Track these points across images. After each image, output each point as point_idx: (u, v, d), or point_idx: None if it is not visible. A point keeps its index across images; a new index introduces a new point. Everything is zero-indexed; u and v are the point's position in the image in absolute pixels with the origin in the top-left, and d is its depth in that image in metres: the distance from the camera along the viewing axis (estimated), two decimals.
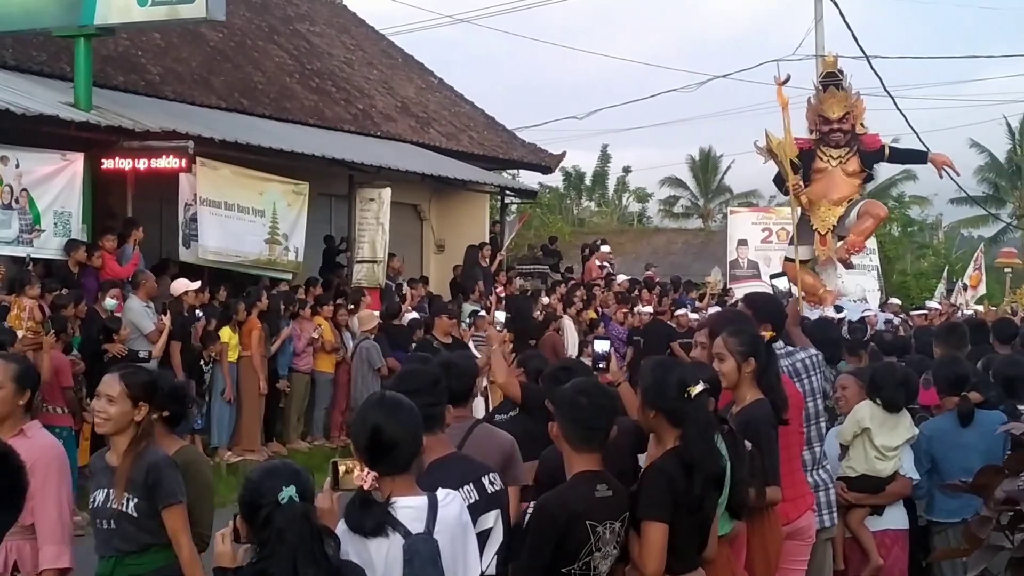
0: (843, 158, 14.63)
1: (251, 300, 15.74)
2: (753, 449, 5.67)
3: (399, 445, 4.12)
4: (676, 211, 58.28)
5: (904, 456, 7.40)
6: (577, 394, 4.79)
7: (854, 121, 14.45)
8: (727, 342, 5.99)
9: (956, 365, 7.68)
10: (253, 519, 3.72)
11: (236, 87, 21.97)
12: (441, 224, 25.87)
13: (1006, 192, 59.66)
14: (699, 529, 5.02)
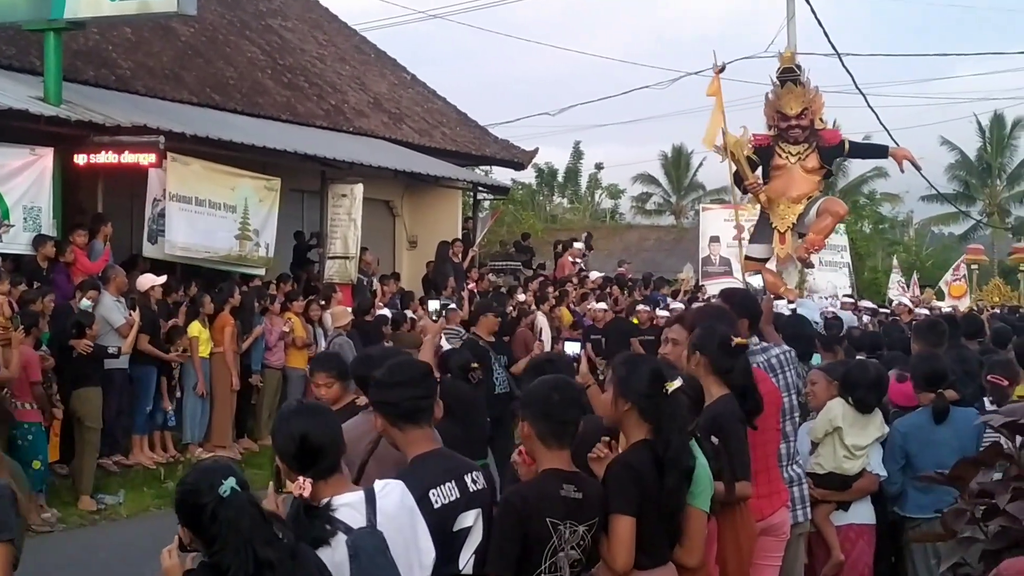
0: (802, 155, 14.50)
1: (223, 296, 15.69)
2: (719, 445, 5.67)
3: (325, 448, 4.13)
4: (648, 208, 58.44)
5: (872, 453, 7.39)
6: (549, 390, 4.77)
7: (813, 116, 14.31)
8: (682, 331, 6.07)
9: (934, 361, 7.68)
10: (197, 519, 3.70)
11: (207, 82, 21.86)
12: (413, 220, 25.82)
13: (976, 190, 60.03)
14: (668, 523, 5.01)
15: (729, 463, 5.74)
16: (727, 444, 5.78)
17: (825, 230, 13.94)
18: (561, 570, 4.63)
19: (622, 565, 4.83)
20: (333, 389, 7.08)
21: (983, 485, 3.15)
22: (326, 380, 7.10)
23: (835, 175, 53.29)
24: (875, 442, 7.40)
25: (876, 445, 7.42)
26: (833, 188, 54.17)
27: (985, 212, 59.19)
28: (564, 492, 4.63)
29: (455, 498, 4.52)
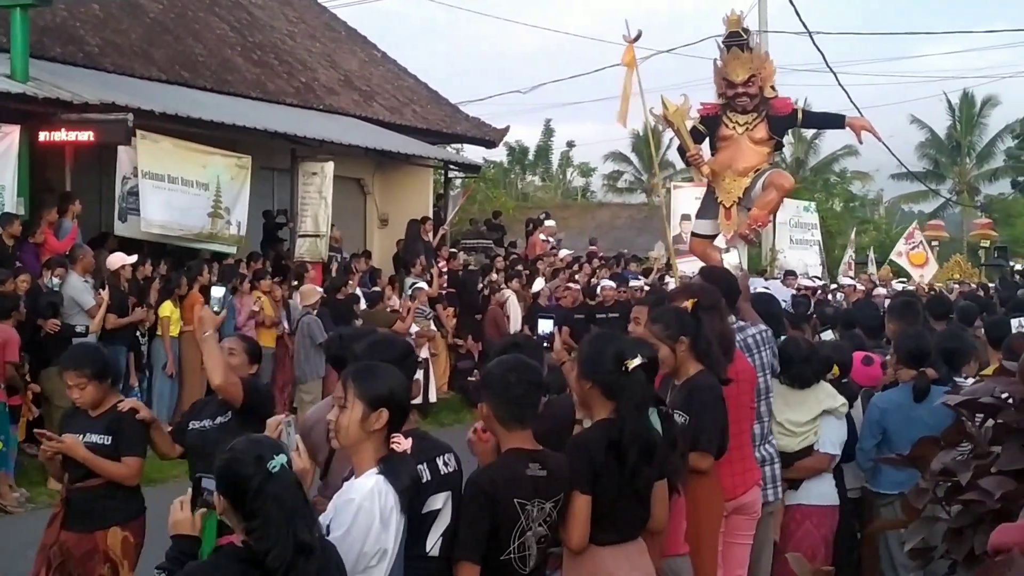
0: (750, 124, 14.09)
1: (192, 274, 15.63)
2: (688, 419, 5.71)
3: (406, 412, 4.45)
4: (620, 186, 58.42)
5: (823, 431, 7.36)
6: (506, 371, 4.75)
7: (762, 84, 13.97)
8: (653, 331, 5.96)
9: (919, 340, 7.69)
10: (241, 491, 3.65)
11: (176, 59, 21.72)
12: (384, 198, 25.74)
13: (946, 168, 60.36)
14: (633, 501, 5.03)
15: (693, 434, 5.78)
16: (702, 415, 5.83)
17: (770, 205, 13.59)
18: (529, 549, 4.64)
19: (576, 542, 4.88)
20: (87, 391, 6.47)
21: (945, 464, 3.17)
22: (77, 380, 6.43)
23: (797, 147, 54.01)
24: (819, 418, 7.38)
25: (829, 423, 7.40)
26: (804, 166, 54.46)
27: (954, 190, 59.53)
28: (530, 471, 4.65)
29: (427, 480, 4.52)
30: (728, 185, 13.99)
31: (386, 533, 4.12)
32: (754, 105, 13.64)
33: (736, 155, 14.00)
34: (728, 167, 13.78)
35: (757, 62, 13.59)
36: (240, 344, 6.80)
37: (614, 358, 4.99)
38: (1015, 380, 3.15)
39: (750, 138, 13.48)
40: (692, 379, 5.95)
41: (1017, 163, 60.92)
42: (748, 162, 14.11)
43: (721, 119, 13.82)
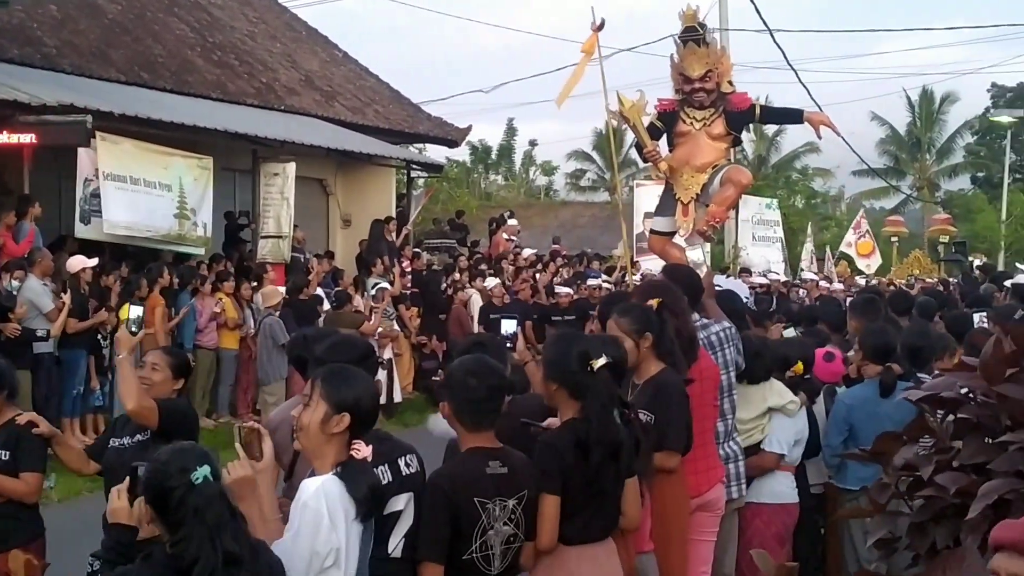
0: (707, 120, 13.91)
1: (153, 276, 15.53)
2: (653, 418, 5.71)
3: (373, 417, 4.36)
4: (583, 184, 58.49)
5: (771, 429, 7.37)
6: (467, 374, 4.73)
7: (719, 79, 13.81)
8: (619, 324, 5.96)
9: (884, 335, 7.71)
10: (164, 502, 3.62)
11: (136, 60, 21.59)
12: (347, 199, 25.67)
13: (906, 164, 60.73)
14: (601, 501, 5.03)
15: (659, 432, 5.79)
16: (667, 414, 5.84)
17: (727, 201, 13.42)
18: (492, 548, 4.63)
19: (545, 541, 4.87)
20: None
21: (907, 459, 3.18)
22: None
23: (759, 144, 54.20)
24: (770, 417, 7.40)
25: (778, 421, 7.42)
26: (766, 163, 54.69)
27: (915, 186, 59.88)
28: (490, 469, 4.64)
29: (387, 481, 4.49)
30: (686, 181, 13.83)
31: (336, 532, 4.06)
32: (711, 100, 13.49)
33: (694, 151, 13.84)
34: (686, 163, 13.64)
35: (713, 57, 13.46)
36: (164, 359, 6.51)
37: (579, 358, 5.00)
38: (976, 375, 3.16)
39: (707, 134, 13.34)
40: (656, 377, 5.96)
41: (976, 159, 61.41)
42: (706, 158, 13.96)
43: (678, 115, 13.67)
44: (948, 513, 2.92)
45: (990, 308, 11.32)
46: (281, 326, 15.90)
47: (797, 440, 7.50)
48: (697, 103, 13.81)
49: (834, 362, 8.23)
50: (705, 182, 13.74)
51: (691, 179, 13.91)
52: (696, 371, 6.28)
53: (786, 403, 7.40)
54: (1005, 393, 3.00)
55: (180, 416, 6.18)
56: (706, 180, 13.91)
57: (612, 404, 5.02)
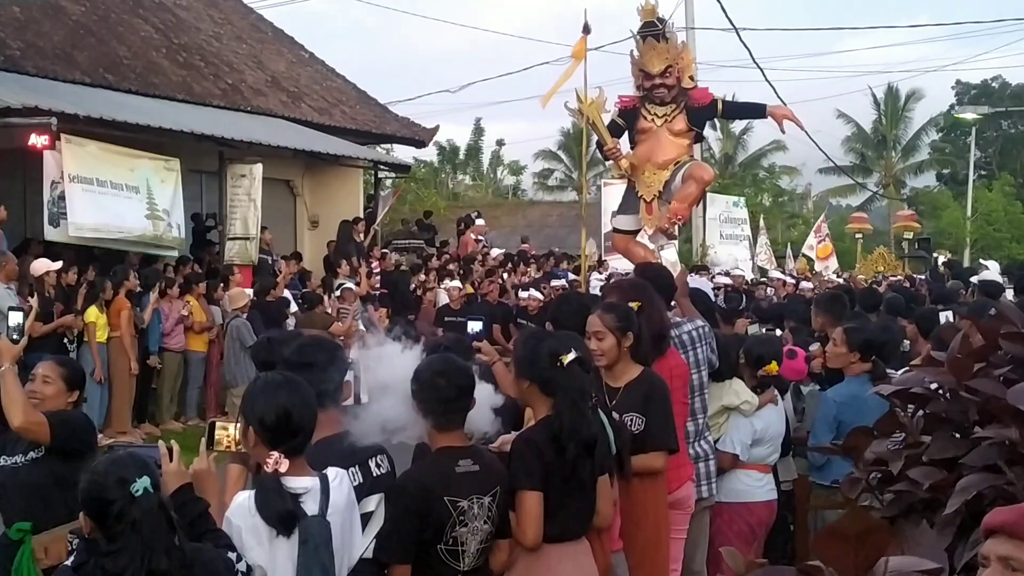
0: (669, 116, 13.76)
1: (118, 279, 15.44)
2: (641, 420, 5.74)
3: (303, 428, 4.09)
4: (550, 184, 58.56)
5: (728, 429, 7.38)
6: (435, 375, 4.72)
7: (680, 75, 13.69)
8: (604, 320, 5.97)
9: (869, 331, 7.74)
10: (104, 514, 3.57)
11: (101, 62, 21.46)
12: (314, 200, 25.61)
13: (872, 161, 61.11)
14: (577, 497, 5.03)
15: (653, 434, 5.83)
16: (656, 417, 5.87)
17: (690, 198, 13.30)
18: (463, 545, 4.62)
19: (531, 539, 4.88)
20: None
21: (878, 454, 3.19)
22: None
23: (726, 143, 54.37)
24: (725, 416, 7.41)
25: (734, 421, 7.43)
26: (733, 161, 54.90)
27: (881, 183, 60.24)
28: (461, 468, 4.64)
29: (358, 483, 4.47)
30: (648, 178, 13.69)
31: (260, 549, 3.97)
32: (672, 96, 13.38)
33: (655, 148, 13.72)
34: (647, 160, 13.52)
35: (673, 52, 13.33)
36: (56, 370, 6.05)
37: (549, 355, 5.01)
38: (944, 370, 3.17)
39: (669, 130, 13.22)
40: (642, 379, 5.97)
41: (942, 156, 61.82)
42: (667, 155, 13.84)
43: (639, 112, 13.54)
44: (918, 508, 2.93)
45: (956, 305, 11.38)
46: (248, 328, 15.84)
47: (760, 439, 7.49)
48: (658, 99, 13.68)
49: (796, 359, 8.22)
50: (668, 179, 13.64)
51: (653, 176, 13.76)
52: (665, 369, 6.30)
53: (741, 403, 7.41)
54: (974, 387, 3.01)
55: (74, 429, 5.80)
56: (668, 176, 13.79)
57: (583, 398, 5.02)
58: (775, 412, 7.61)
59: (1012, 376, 3.03)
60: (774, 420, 7.57)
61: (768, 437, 7.51)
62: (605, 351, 5.95)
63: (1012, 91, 65.05)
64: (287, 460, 3.99)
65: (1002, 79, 65.85)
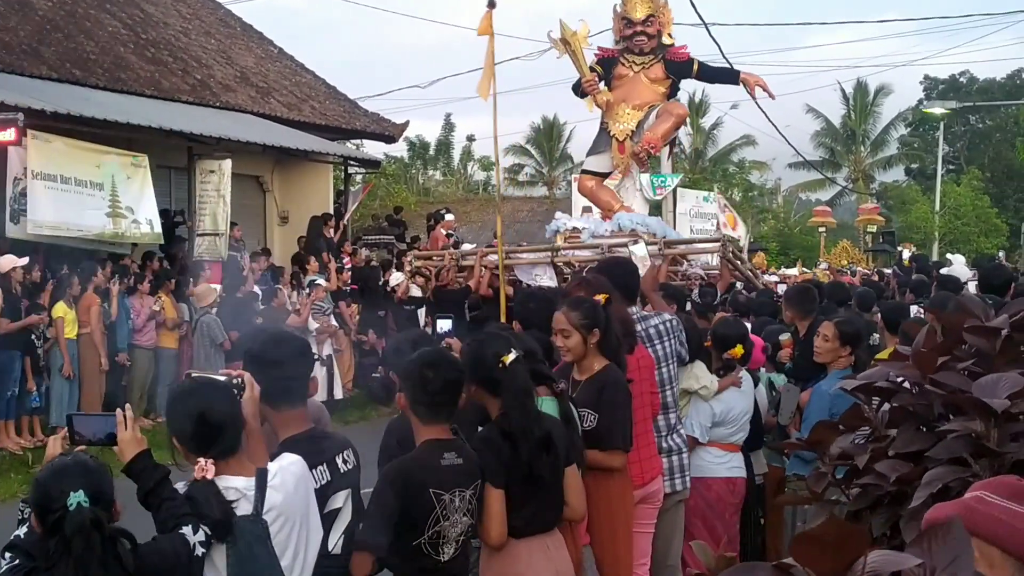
0: (647, 64, 13.93)
1: (86, 275, 15.36)
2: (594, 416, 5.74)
3: (225, 428, 4.01)
4: (521, 179, 58.57)
5: (689, 413, 7.41)
6: (423, 367, 4.73)
7: (660, 28, 13.79)
8: (569, 317, 5.97)
9: (855, 322, 7.77)
10: (43, 521, 3.56)
11: (68, 57, 21.33)
12: (284, 195, 25.54)
13: (841, 156, 61.35)
14: (539, 492, 5.04)
15: (606, 432, 5.84)
16: (613, 413, 5.88)
17: (665, 131, 13.38)
18: (445, 537, 4.63)
19: (495, 537, 4.92)
20: None
21: (843, 448, 3.21)
22: None
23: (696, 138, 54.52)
24: (687, 399, 7.42)
25: (695, 406, 7.47)
26: (703, 156, 55.04)
27: (850, 178, 60.48)
28: (446, 461, 4.66)
29: (326, 481, 4.46)
30: (622, 117, 13.73)
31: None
32: (651, 48, 13.51)
33: (632, 91, 13.80)
34: (623, 100, 13.57)
35: (656, 4, 13.45)
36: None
37: (493, 356, 5.04)
38: (909, 364, 3.19)
39: (646, 75, 13.30)
40: (600, 375, 5.98)
41: (910, 151, 62.10)
42: (643, 98, 13.93)
43: (618, 60, 13.66)
44: (885, 501, 2.94)
45: (924, 298, 11.45)
46: (219, 324, 15.80)
47: (720, 422, 7.51)
48: (637, 48, 13.81)
49: (753, 348, 8.26)
50: (641, 119, 13.65)
51: (627, 115, 13.82)
52: (632, 361, 6.31)
53: (700, 388, 7.44)
54: (939, 381, 3.03)
55: None
56: (642, 117, 13.82)
57: (528, 396, 5.06)
58: (739, 394, 7.64)
59: (976, 369, 3.05)
60: (737, 402, 7.60)
61: (730, 419, 7.55)
62: (571, 348, 5.98)
63: (980, 86, 65.40)
64: (214, 465, 3.96)
65: (970, 74, 66.23)
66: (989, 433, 2.86)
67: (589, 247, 13.77)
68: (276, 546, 4.00)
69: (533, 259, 14.44)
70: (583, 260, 13.62)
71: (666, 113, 13.43)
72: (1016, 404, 2.82)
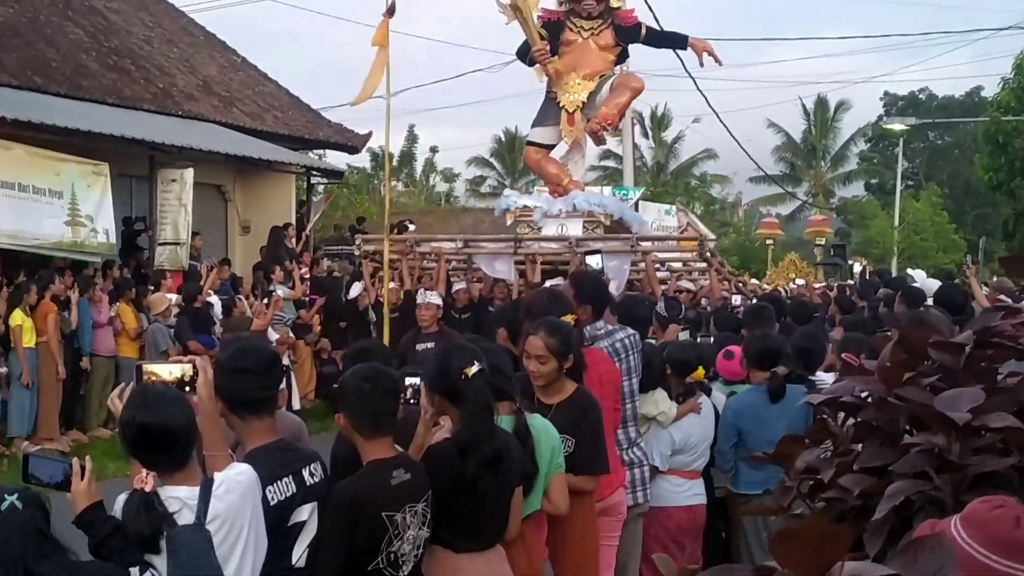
0: (595, 30, 13.62)
1: (43, 283, 15.25)
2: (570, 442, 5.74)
3: (171, 440, 4.00)
4: (483, 191, 58.67)
5: (649, 440, 7.39)
6: (360, 380, 4.67)
7: None
8: (548, 344, 5.87)
9: (767, 341, 7.83)
10: None
11: (29, 64, 21.20)
12: (246, 205, 25.45)
13: (802, 171, 61.78)
14: (484, 508, 4.99)
15: (583, 457, 5.84)
16: (589, 437, 5.88)
17: (620, 105, 13.10)
18: (403, 556, 4.61)
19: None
20: None
21: (809, 462, 3.23)
22: None
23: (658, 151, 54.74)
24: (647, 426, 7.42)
25: (654, 433, 7.46)
26: (664, 169, 55.27)
27: (810, 193, 60.91)
28: (395, 479, 4.61)
29: (291, 493, 4.44)
30: (572, 88, 13.48)
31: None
32: (599, 11, 13.27)
33: (581, 59, 13.52)
34: (572, 70, 13.32)
35: None
36: None
37: (456, 367, 4.98)
38: (874, 379, 3.21)
39: (595, 43, 13.06)
40: (575, 400, 5.95)
41: (870, 166, 62.62)
42: (594, 67, 13.64)
43: (565, 24, 13.37)
44: (849, 515, 2.96)
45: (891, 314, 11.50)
46: (163, 333, 15.72)
47: (680, 449, 7.53)
48: (585, 12, 13.49)
49: (732, 360, 8.30)
50: (592, 90, 13.41)
51: (578, 86, 13.56)
52: (595, 375, 6.30)
53: (658, 413, 7.45)
54: (904, 396, 3.05)
55: None
56: (593, 88, 13.57)
57: (487, 411, 5.00)
58: (698, 420, 7.65)
59: (940, 384, 3.08)
60: (696, 429, 7.61)
61: (690, 446, 7.56)
62: (545, 374, 5.90)
63: (939, 103, 66.09)
64: (156, 477, 3.95)
65: (929, 91, 66.95)
66: (951, 446, 2.88)
67: (555, 240, 13.59)
68: (220, 556, 3.98)
69: (494, 249, 14.25)
70: (547, 254, 13.43)
71: (622, 86, 13.18)
72: (978, 418, 2.84)
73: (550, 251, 13.47)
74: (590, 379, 6.22)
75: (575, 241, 13.15)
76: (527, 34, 13.41)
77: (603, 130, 13.47)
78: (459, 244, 14.55)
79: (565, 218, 13.60)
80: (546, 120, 13.99)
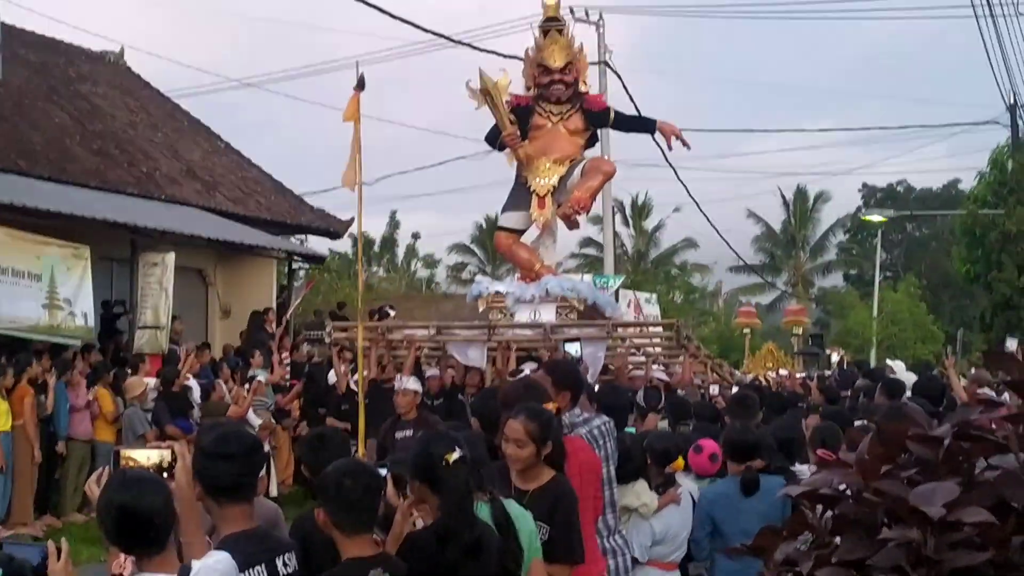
0: (564, 114, 13.61)
1: (20, 366, 15.18)
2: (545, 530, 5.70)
3: (149, 525, 3.98)
4: (464, 277, 58.77)
5: (629, 531, 7.35)
6: (341, 476, 4.64)
7: (577, 75, 13.59)
8: (528, 428, 5.80)
9: (744, 433, 7.83)
10: None
11: (13, 147, 21.27)
12: (227, 289, 25.45)
13: (781, 261, 62.09)
14: None
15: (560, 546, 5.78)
16: (564, 526, 5.82)
17: (592, 189, 13.04)
18: None
19: None
20: None
21: (787, 554, 3.22)
22: None
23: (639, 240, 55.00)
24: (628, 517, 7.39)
25: (634, 524, 7.43)
26: (645, 258, 55.49)
27: (790, 283, 61.22)
28: None
29: None
30: (543, 172, 13.45)
31: None
32: (568, 96, 13.29)
33: (552, 143, 13.47)
34: (543, 154, 13.29)
35: (574, 50, 13.28)
36: None
37: (438, 455, 4.96)
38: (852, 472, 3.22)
39: (565, 127, 13.06)
40: (551, 487, 5.89)
41: (849, 257, 63.02)
42: (564, 151, 13.57)
43: (534, 109, 13.38)
44: None
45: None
46: (140, 417, 15.66)
47: (660, 540, 7.51)
48: (555, 97, 13.48)
49: (701, 454, 8.26)
50: (563, 174, 13.37)
51: (548, 170, 13.52)
52: (575, 464, 6.27)
53: (640, 505, 7.43)
54: (881, 489, 3.06)
55: None
56: (564, 172, 13.54)
57: (467, 498, 4.97)
58: (678, 512, 7.64)
59: (917, 478, 3.09)
60: (676, 521, 7.60)
61: (669, 537, 7.55)
62: (523, 459, 5.84)
63: (917, 195, 66.72)
64: (133, 564, 3.93)
65: (907, 183, 67.59)
66: (927, 541, 2.89)
67: (529, 326, 13.58)
68: None
69: (468, 336, 14.24)
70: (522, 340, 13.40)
71: (594, 170, 13.19)
72: (952, 512, 2.85)
73: (524, 338, 13.46)
74: (571, 467, 6.19)
75: (550, 327, 13.14)
76: (497, 119, 13.42)
77: (576, 214, 13.47)
78: (432, 331, 14.53)
79: (538, 303, 13.60)
80: (516, 205, 13.97)
